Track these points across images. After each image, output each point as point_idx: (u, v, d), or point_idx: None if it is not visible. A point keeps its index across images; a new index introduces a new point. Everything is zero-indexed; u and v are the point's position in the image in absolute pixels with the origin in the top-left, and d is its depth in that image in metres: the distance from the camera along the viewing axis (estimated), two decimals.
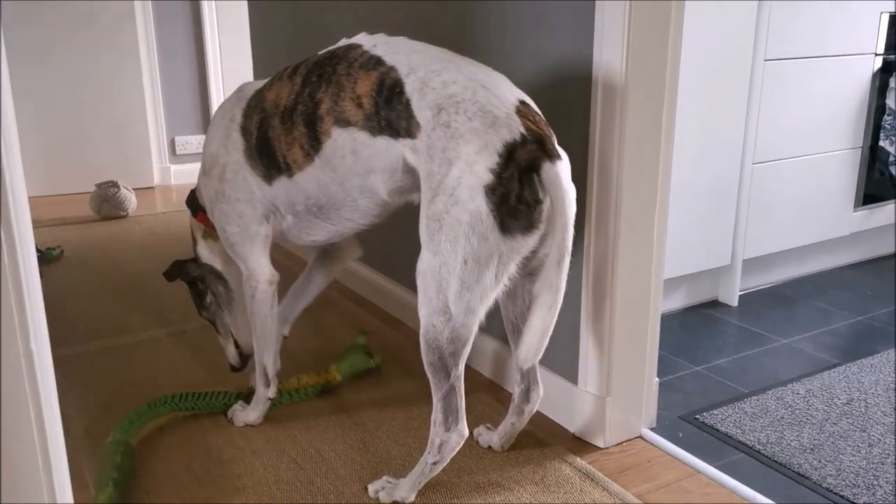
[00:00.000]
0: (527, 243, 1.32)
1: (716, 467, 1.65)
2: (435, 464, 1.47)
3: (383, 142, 1.40)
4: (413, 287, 1.40)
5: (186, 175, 4.46)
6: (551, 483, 1.59)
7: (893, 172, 2.75)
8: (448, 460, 1.48)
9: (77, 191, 4.18)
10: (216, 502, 1.53)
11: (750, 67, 2.31)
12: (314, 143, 1.48)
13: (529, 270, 1.42)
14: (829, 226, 2.70)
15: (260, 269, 1.67)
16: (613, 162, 1.56)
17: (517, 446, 1.71)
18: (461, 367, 1.40)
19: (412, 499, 1.50)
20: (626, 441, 1.74)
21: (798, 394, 1.96)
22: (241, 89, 1.67)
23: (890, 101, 2.68)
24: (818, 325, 2.39)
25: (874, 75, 2.64)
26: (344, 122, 1.43)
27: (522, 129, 1.29)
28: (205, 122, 4.49)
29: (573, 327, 1.73)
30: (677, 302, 2.49)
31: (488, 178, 1.27)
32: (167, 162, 4.45)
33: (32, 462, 0.75)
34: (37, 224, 3.58)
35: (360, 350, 1.97)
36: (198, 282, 1.85)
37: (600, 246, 1.63)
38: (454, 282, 1.32)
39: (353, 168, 1.46)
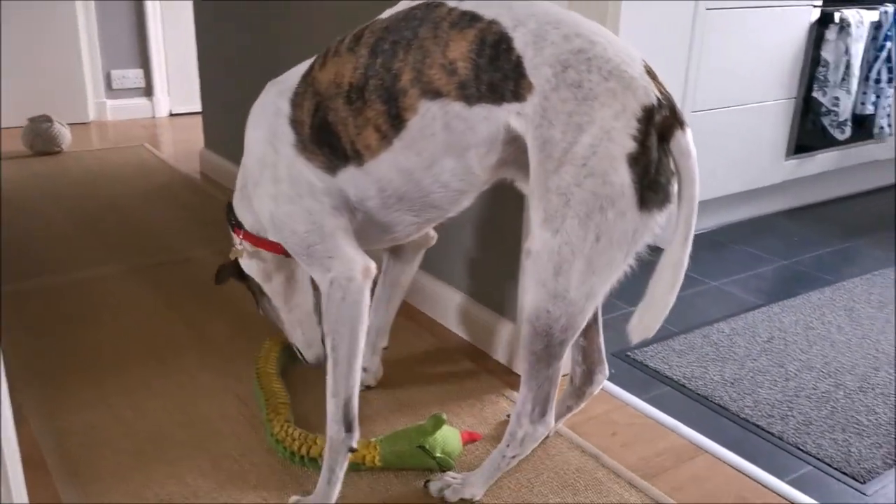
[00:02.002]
0: (661, 219, 1.18)
1: (643, 400, 1.74)
2: (514, 457, 1.36)
3: (482, 110, 1.20)
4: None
5: (124, 111, 4.34)
6: (489, 416, 1.66)
7: (825, 123, 2.85)
8: (528, 453, 1.38)
9: (8, 125, 4.03)
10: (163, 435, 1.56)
11: (692, 15, 2.35)
12: (395, 122, 1.24)
13: None
14: (761, 174, 2.80)
15: (350, 260, 1.31)
16: None
17: (456, 381, 1.77)
18: (565, 356, 1.28)
19: (481, 495, 1.40)
20: (562, 375, 1.81)
21: (723, 332, 2.06)
22: (276, 81, 1.41)
23: (825, 53, 2.76)
24: (746, 268, 2.50)
25: (811, 27, 2.72)
26: (433, 94, 1.20)
27: (657, 92, 1.15)
28: (142, 54, 4.35)
29: (511, 263, 1.78)
30: None
31: (631, 146, 1.12)
32: (103, 96, 4.32)
33: None
34: None
35: (419, 439, 1.47)
36: (250, 290, 1.62)
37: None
38: (579, 263, 1.17)
39: (443, 146, 1.24)
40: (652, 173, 1.13)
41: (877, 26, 2.86)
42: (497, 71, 1.17)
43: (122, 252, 2.48)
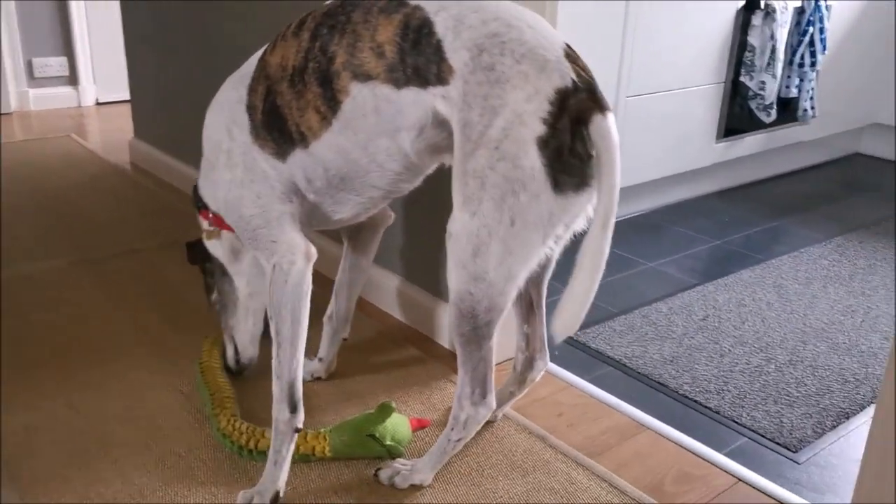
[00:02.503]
0: (578, 202, 1.19)
1: (587, 380, 1.78)
2: (459, 440, 1.38)
3: (410, 94, 1.22)
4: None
5: (47, 100, 4.18)
6: (437, 401, 1.67)
7: (752, 107, 2.95)
8: (472, 435, 1.39)
9: None
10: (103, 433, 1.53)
11: (624, 4, 2.39)
12: (331, 104, 1.27)
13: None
14: (693, 157, 2.88)
15: (293, 243, 1.35)
16: None
17: (402, 368, 1.78)
18: (495, 336, 1.29)
19: (430, 480, 1.42)
20: (506, 360, 1.84)
21: (661, 312, 2.12)
22: (239, 70, 1.43)
23: (751, 39, 2.85)
24: (681, 249, 2.57)
25: (738, 13, 2.80)
26: (364, 76, 1.23)
27: (573, 76, 1.15)
28: (66, 42, 4.19)
29: None
30: None
31: (541, 129, 1.13)
32: (25, 86, 4.15)
33: None
34: None
35: (368, 428, 1.47)
36: (206, 274, 1.62)
37: None
38: (496, 245, 1.19)
39: (376, 128, 1.27)
40: (566, 156, 1.14)
41: (800, 11, 2.96)
42: (420, 55, 1.20)
43: (56, 247, 2.40)
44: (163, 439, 1.53)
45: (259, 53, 1.40)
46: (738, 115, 2.97)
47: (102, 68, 4.27)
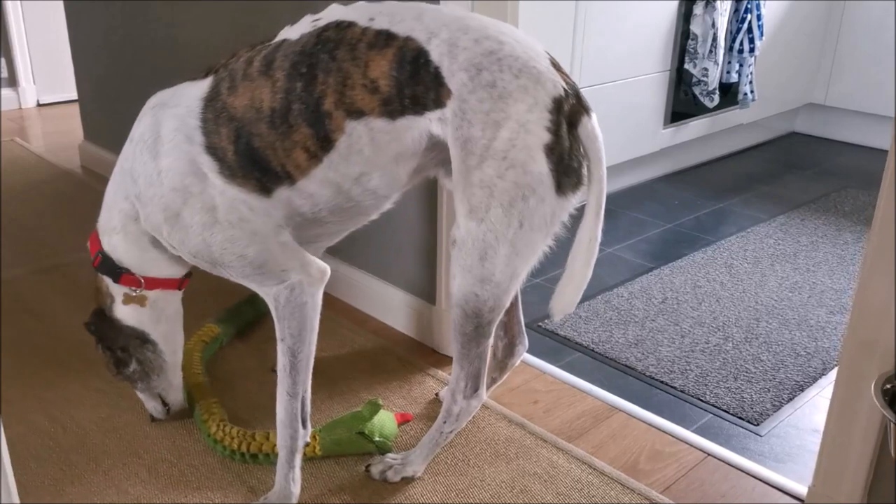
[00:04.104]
0: (575, 201, 1.28)
1: (558, 367, 1.86)
2: (451, 432, 1.44)
3: (406, 122, 1.25)
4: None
5: None
6: (418, 395, 1.73)
7: (696, 93, 3.06)
8: (463, 426, 1.44)
9: None
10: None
11: (574, 1, 2.47)
12: (324, 143, 1.26)
13: None
14: (643, 143, 2.98)
15: (308, 266, 1.34)
16: None
17: (381, 364, 1.83)
18: (493, 330, 1.35)
19: (422, 471, 1.47)
20: None
21: (622, 297, 2.21)
22: (164, 104, 1.34)
23: (694, 27, 2.96)
24: (635, 234, 2.67)
25: (680, 3, 2.90)
26: (357, 114, 1.24)
27: (563, 83, 1.24)
28: (3, 42, 4.06)
29: (430, 250, 1.85)
30: None
31: (547, 136, 1.21)
32: None
33: None
34: None
35: (357, 426, 1.51)
36: (116, 349, 1.50)
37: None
38: (503, 248, 1.25)
39: (371, 159, 1.28)
40: (566, 160, 1.23)
41: None
42: (419, 84, 1.23)
43: (12, 255, 2.37)
44: (151, 447, 1.55)
45: (193, 89, 1.33)
46: (682, 102, 3.08)
47: (42, 69, 4.16)
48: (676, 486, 1.48)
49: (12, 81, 4.13)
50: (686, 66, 3.00)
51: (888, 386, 1.11)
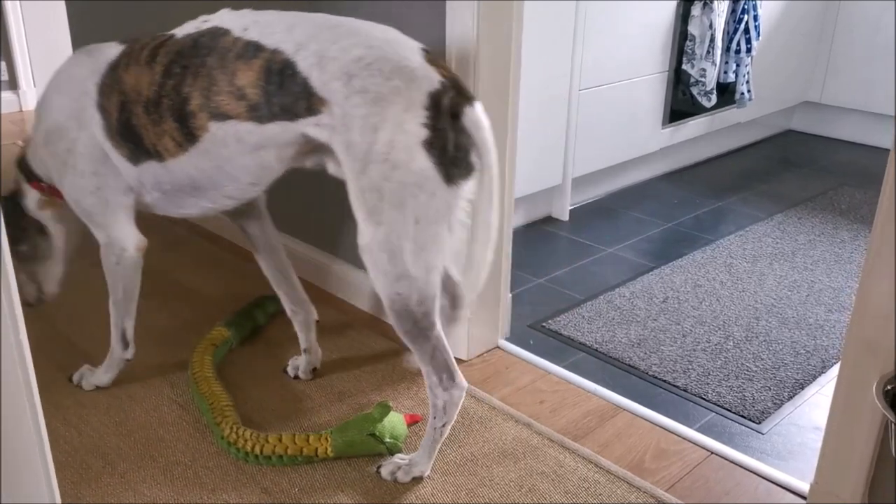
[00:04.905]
0: (469, 188, 1.32)
1: (563, 367, 1.89)
2: (444, 426, 1.47)
3: (276, 126, 1.33)
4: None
5: None
6: (425, 396, 1.75)
7: (694, 93, 3.09)
8: (455, 417, 1.47)
9: None
10: (103, 446, 1.57)
11: (575, 3, 2.49)
12: (188, 137, 1.39)
13: None
14: (642, 143, 3.01)
15: (125, 236, 1.58)
16: None
17: (388, 365, 1.86)
18: (437, 324, 1.39)
19: (429, 470, 1.51)
20: (486, 352, 1.94)
21: (624, 296, 2.25)
22: (89, 53, 1.53)
23: (691, 29, 2.99)
24: (636, 233, 2.71)
25: (678, 4, 2.93)
26: (222, 117, 1.35)
27: (439, 77, 1.28)
28: (3, 45, 4.07)
29: None
30: (517, 220, 2.71)
31: (423, 133, 1.25)
32: None
33: (34, 461, 0.77)
34: None
35: (368, 427, 1.54)
36: (17, 227, 1.71)
37: None
38: (408, 245, 1.29)
39: (237, 153, 1.38)
40: (451, 151, 1.27)
41: (735, 0, 3.11)
42: (287, 95, 1.30)
43: None
44: (166, 450, 1.58)
45: (112, 50, 1.49)
46: (681, 101, 3.11)
47: (43, 71, 4.17)
48: (681, 484, 1.51)
49: (13, 84, 4.14)
50: (684, 66, 3.03)
51: (889, 387, 1.14)
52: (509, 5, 1.68)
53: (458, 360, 1.88)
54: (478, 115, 1.29)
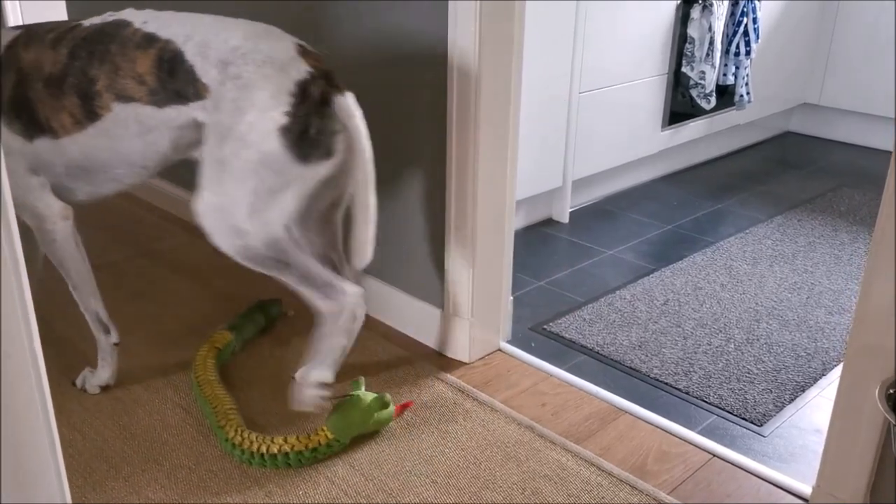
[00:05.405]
0: (325, 168, 1.46)
1: (564, 370, 1.90)
2: (353, 322, 1.57)
3: (172, 110, 1.48)
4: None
5: None
6: (427, 399, 1.76)
7: (693, 95, 3.10)
8: (362, 316, 1.58)
9: None
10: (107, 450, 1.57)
11: (574, 7, 2.50)
12: (89, 115, 1.50)
13: (332, 202, 1.62)
14: (642, 145, 3.02)
15: (48, 208, 1.61)
16: (471, 103, 1.69)
17: (391, 369, 1.87)
18: (295, 254, 1.51)
19: (332, 377, 1.59)
20: (488, 355, 1.94)
21: (625, 299, 2.25)
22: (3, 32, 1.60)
23: (691, 31, 3.00)
24: (636, 235, 2.71)
25: (678, 7, 2.93)
26: (126, 98, 1.48)
27: (309, 68, 1.43)
28: None
29: (438, 256, 1.88)
30: (517, 223, 2.71)
31: (283, 119, 1.39)
32: None
33: (46, 462, 0.78)
34: None
35: (359, 403, 1.60)
36: None
37: (460, 180, 1.77)
38: (242, 210, 1.44)
39: (135, 134, 1.51)
40: (312, 134, 1.41)
41: (734, 3, 3.12)
42: (178, 81, 1.46)
43: None
44: (170, 453, 1.58)
45: (9, 35, 1.55)
46: (680, 103, 3.12)
47: None
48: (684, 487, 1.52)
49: None
50: (683, 69, 3.04)
51: (892, 391, 1.15)
52: (511, 6, 1.68)
53: (460, 363, 1.90)
54: (347, 104, 1.43)
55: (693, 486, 1.52)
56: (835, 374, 1.89)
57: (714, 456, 1.61)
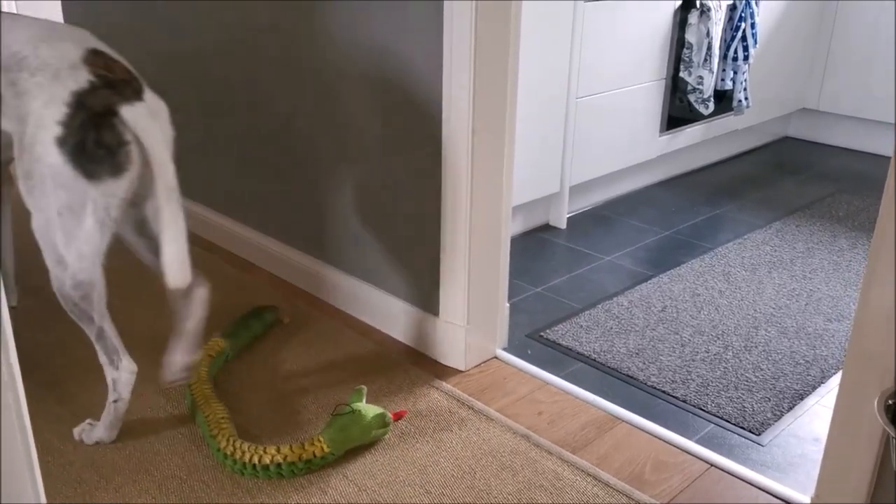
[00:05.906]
0: (120, 185, 1.38)
1: (561, 377, 1.88)
2: (116, 401, 1.56)
3: None
4: (264, 230, 1.39)
5: None
6: (423, 408, 1.75)
7: (691, 100, 3.09)
8: (128, 396, 1.56)
9: None
10: None
11: (572, 10, 2.48)
12: None
13: (139, 218, 1.54)
14: (640, 151, 3.00)
15: None
16: (465, 111, 1.68)
17: (385, 376, 1.85)
18: (101, 309, 1.48)
19: (110, 438, 1.59)
20: (484, 362, 1.93)
21: (622, 305, 2.24)
22: None
23: (689, 36, 2.98)
24: (633, 241, 2.70)
25: (675, 12, 2.92)
26: None
27: (91, 77, 1.36)
28: None
29: (432, 261, 1.86)
30: (515, 228, 2.70)
31: (57, 130, 1.33)
32: None
33: (20, 462, 0.77)
34: None
35: (360, 420, 1.58)
36: None
37: (455, 185, 1.76)
38: (59, 234, 1.39)
39: None
40: (90, 148, 1.34)
41: (732, 8, 3.11)
42: None
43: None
44: (161, 464, 1.56)
45: None
46: (678, 108, 3.10)
47: None
48: (681, 497, 1.50)
49: None
50: (681, 74, 3.02)
51: (891, 402, 1.13)
52: (507, 5, 1.67)
53: (456, 371, 1.88)
54: (136, 114, 1.36)
55: (691, 496, 1.51)
56: (834, 382, 1.87)
57: (712, 465, 1.59)
